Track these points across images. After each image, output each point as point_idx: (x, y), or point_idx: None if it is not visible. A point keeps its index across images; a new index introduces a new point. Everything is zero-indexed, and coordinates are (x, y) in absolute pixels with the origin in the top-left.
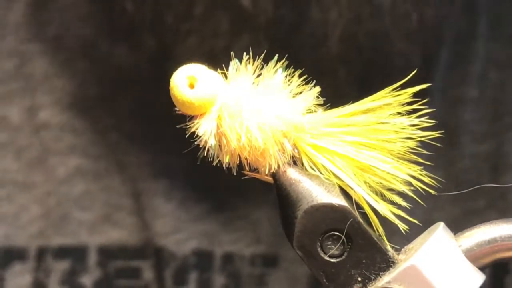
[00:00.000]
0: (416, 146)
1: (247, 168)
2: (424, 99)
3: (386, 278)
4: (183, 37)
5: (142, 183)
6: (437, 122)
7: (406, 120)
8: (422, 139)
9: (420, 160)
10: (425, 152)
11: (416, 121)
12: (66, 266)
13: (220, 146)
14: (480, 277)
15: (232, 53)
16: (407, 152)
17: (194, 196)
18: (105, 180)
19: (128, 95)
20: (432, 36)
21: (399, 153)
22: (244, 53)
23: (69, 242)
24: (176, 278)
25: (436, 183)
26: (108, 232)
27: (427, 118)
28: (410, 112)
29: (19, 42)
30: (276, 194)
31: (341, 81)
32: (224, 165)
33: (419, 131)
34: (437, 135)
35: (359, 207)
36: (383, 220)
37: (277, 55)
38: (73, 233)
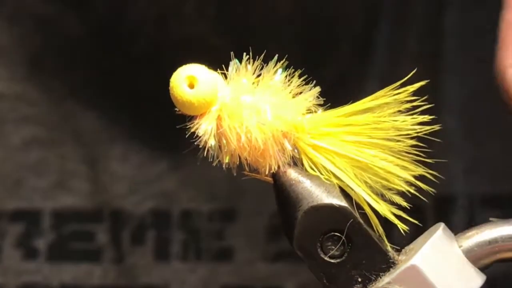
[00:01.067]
0: (418, 149)
1: (247, 169)
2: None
3: (386, 278)
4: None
5: (98, 148)
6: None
7: (406, 118)
8: (420, 134)
9: (421, 159)
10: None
11: (417, 119)
12: (21, 229)
13: (220, 146)
14: (481, 278)
15: (232, 53)
16: (408, 151)
17: (150, 158)
18: (60, 147)
19: (83, 64)
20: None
21: (399, 152)
22: (244, 53)
23: (23, 206)
24: (133, 238)
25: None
26: (62, 197)
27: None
28: (409, 110)
29: None
30: (275, 195)
31: (288, 40)
32: (224, 165)
33: (418, 128)
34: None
35: (359, 207)
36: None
37: (277, 55)
38: (28, 198)
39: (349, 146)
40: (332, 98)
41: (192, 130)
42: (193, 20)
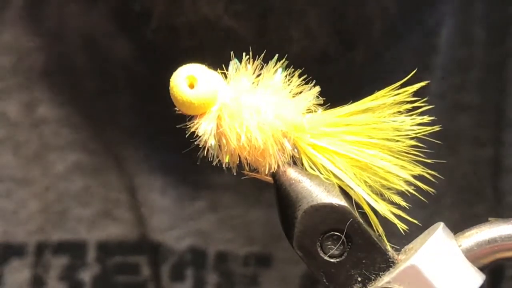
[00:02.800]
0: (417, 150)
1: (247, 168)
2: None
3: (386, 278)
4: (186, 32)
5: (139, 178)
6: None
7: (406, 119)
8: (419, 135)
9: (421, 159)
10: (426, 158)
11: (416, 119)
12: (65, 262)
13: (220, 146)
14: (480, 277)
15: (232, 53)
16: (407, 151)
17: (189, 194)
18: (103, 175)
19: (127, 90)
20: None
21: (399, 152)
22: (244, 53)
23: (68, 237)
24: (172, 274)
25: (436, 181)
26: (107, 227)
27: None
28: (409, 111)
29: (16, 37)
30: (275, 194)
31: (312, 22)
32: (224, 165)
33: (418, 129)
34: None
35: (359, 207)
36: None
37: (277, 55)
38: (72, 229)
39: (349, 146)
40: (362, 80)
41: (192, 129)
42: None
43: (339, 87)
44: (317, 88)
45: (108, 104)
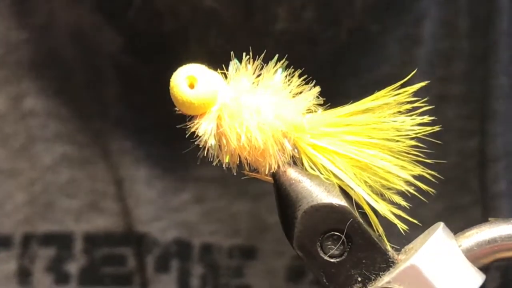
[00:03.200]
0: (417, 150)
1: (247, 168)
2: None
3: (386, 278)
4: (174, 18)
5: (125, 170)
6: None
7: (406, 119)
8: (419, 135)
9: (421, 159)
10: (426, 158)
11: (417, 119)
12: (52, 253)
13: (220, 146)
14: (480, 277)
15: (232, 53)
16: (408, 151)
17: (174, 186)
18: (90, 167)
19: (114, 82)
20: None
21: (399, 152)
22: (244, 53)
23: (55, 229)
24: (157, 265)
25: (434, 181)
26: (94, 219)
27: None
28: (409, 111)
29: (5, 30)
30: (275, 194)
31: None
32: (224, 165)
33: (418, 129)
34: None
35: (359, 207)
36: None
37: (277, 55)
38: (59, 221)
39: (349, 146)
40: (344, 59)
41: (192, 130)
42: None
43: (326, 67)
44: (317, 88)
45: (95, 96)
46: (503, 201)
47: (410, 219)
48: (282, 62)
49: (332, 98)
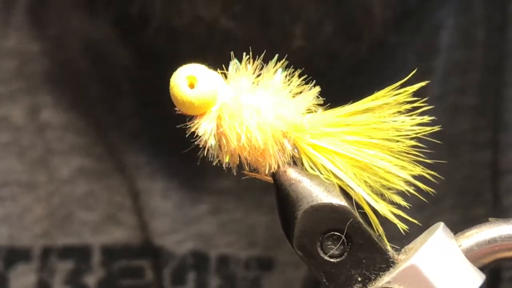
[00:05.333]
0: (417, 150)
1: (247, 168)
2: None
3: (386, 278)
4: (190, 38)
5: (141, 182)
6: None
7: (406, 119)
8: (419, 135)
9: (421, 159)
10: (426, 158)
11: (417, 120)
12: (70, 266)
13: (220, 146)
14: (480, 277)
15: (232, 53)
16: (408, 151)
17: (190, 198)
18: (107, 179)
19: (129, 95)
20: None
21: (399, 152)
22: (244, 53)
23: (73, 242)
24: (174, 278)
25: (436, 182)
26: (112, 231)
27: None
28: (409, 111)
29: (20, 42)
30: (275, 194)
31: (313, 16)
32: (224, 165)
33: (419, 129)
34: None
35: (359, 207)
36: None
37: (277, 55)
38: (77, 233)
39: (349, 146)
40: (367, 72)
41: (192, 130)
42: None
43: (346, 80)
44: (317, 88)
45: (110, 109)
46: None
47: (410, 219)
48: (282, 62)
49: None
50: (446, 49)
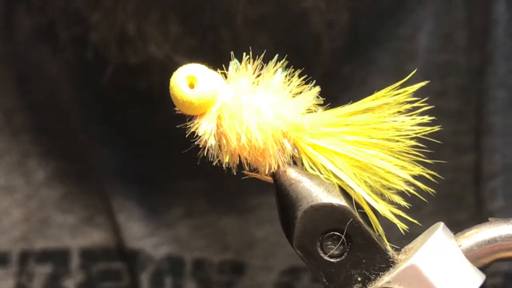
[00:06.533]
0: (417, 150)
1: (247, 168)
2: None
3: (386, 278)
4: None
5: (115, 186)
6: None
7: (406, 119)
8: (419, 135)
9: (421, 159)
10: (426, 158)
11: (417, 119)
12: (49, 270)
13: (220, 146)
14: (480, 277)
15: (232, 53)
16: (408, 151)
17: (164, 202)
18: (83, 182)
19: (100, 98)
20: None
21: (399, 152)
22: (244, 53)
23: (51, 245)
24: (153, 282)
25: (435, 181)
26: (89, 234)
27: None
28: (409, 111)
29: None
30: (275, 194)
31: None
32: (224, 165)
33: (418, 129)
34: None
35: (358, 207)
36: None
37: (277, 55)
38: (55, 236)
39: (349, 146)
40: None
41: (192, 129)
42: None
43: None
44: (317, 88)
45: (81, 112)
46: (501, 218)
47: (410, 219)
48: (282, 62)
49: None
50: (425, 52)
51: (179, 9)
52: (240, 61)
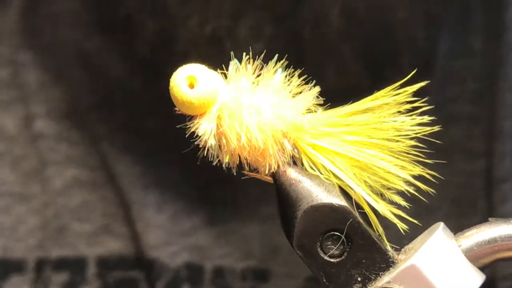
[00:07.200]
0: (417, 150)
1: (247, 168)
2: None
3: (386, 278)
4: (184, 20)
5: (134, 194)
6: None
7: (406, 119)
8: (419, 135)
9: (421, 159)
10: (426, 158)
11: (417, 119)
12: (65, 278)
13: (220, 146)
14: (480, 277)
15: (232, 53)
16: (408, 151)
17: (185, 209)
18: (101, 190)
19: (121, 106)
20: (435, 4)
21: (399, 152)
22: (244, 53)
23: (67, 253)
24: None
25: (435, 181)
26: (106, 243)
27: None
28: (409, 111)
29: (12, 50)
30: (276, 194)
31: (346, 57)
32: (224, 165)
33: (418, 129)
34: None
35: (358, 207)
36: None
37: (277, 55)
38: (72, 245)
39: (349, 146)
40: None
41: (192, 129)
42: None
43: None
44: (317, 88)
45: (103, 119)
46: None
47: (410, 219)
48: (282, 62)
49: None
50: (444, 58)
51: (272, 11)
52: (240, 61)
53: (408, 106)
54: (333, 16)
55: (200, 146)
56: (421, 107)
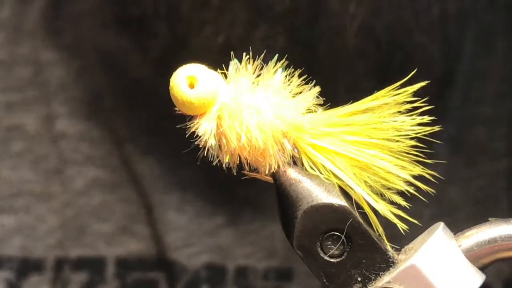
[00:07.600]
0: (418, 150)
1: (247, 168)
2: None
3: (386, 278)
4: (199, 28)
5: (155, 195)
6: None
7: (406, 119)
8: (419, 135)
9: (421, 159)
10: (427, 158)
11: (417, 119)
12: (84, 278)
13: (220, 146)
14: (480, 277)
15: (232, 53)
16: (408, 151)
17: (207, 210)
18: (122, 191)
19: (144, 107)
20: (454, 30)
21: (399, 152)
22: (244, 53)
23: (87, 253)
24: None
25: (436, 181)
26: (126, 243)
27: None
28: (410, 111)
29: (35, 49)
30: (276, 194)
31: (359, 74)
32: (224, 165)
33: (419, 129)
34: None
35: (359, 207)
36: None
37: (277, 54)
38: (91, 245)
39: (349, 146)
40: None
41: (192, 130)
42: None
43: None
44: (317, 88)
45: (125, 120)
46: None
47: (410, 219)
48: (282, 62)
49: None
50: (467, 59)
51: (287, 23)
52: (240, 61)
53: (408, 106)
54: (350, 34)
55: (200, 146)
56: (421, 107)
